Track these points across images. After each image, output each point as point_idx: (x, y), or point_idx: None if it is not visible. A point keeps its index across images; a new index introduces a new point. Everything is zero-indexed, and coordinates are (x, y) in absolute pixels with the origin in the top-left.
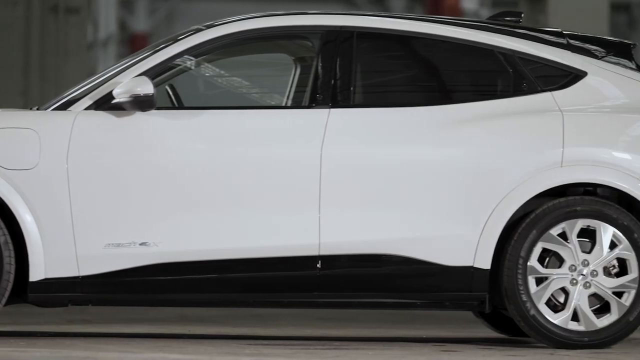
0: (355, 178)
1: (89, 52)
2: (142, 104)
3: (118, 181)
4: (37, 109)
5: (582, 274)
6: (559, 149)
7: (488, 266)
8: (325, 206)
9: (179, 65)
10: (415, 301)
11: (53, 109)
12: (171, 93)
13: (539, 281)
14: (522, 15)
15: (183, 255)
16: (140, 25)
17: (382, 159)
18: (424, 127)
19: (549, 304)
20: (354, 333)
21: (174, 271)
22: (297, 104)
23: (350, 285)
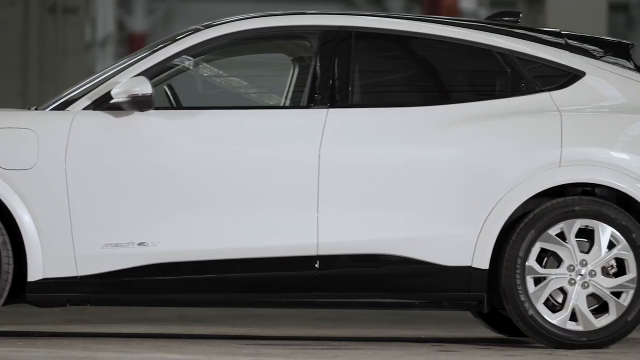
0: (354, 178)
1: (87, 52)
2: (140, 104)
3: (116, 181)
4: (36, 109)
5: (580, 274)
6: (557, 149)
7: (486, 266)
8: (324, 206)
9: (177, 65)
10: (413, 301)
11: (51, 109)
12: (169, 93)
13: (537, 281)
14: (521, 15)
15: (181, 255)
16: (139, 25)
17: (380, 159)
18: (423, 127)
19: (547, 304)
20: (352, 333)
21: (172, 271)
22: (295, 104)
23: (349, 285)
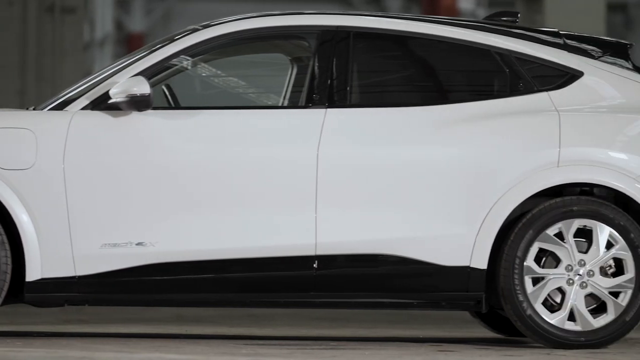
0: (352, 178)
1: (86, 52)
2: (138, 104)
3: (115, 181)
4: (34, 109)
5: (578, 274)
6: (555, 149)
7: (485, 266)
8: (322, 206)
9: (176, 65)
10: (411, 301)
11: (49, 109)
12: (167, 93)
13: (536, 281)
14: (519, 15)
15: (179, 256)
16: (137, 25)
17: (378, 159)
18: (421, 127)
19: (545, 304)
20: (350, 333)
21: (170, 271)
22: (293, 104)
23: (347, 285)
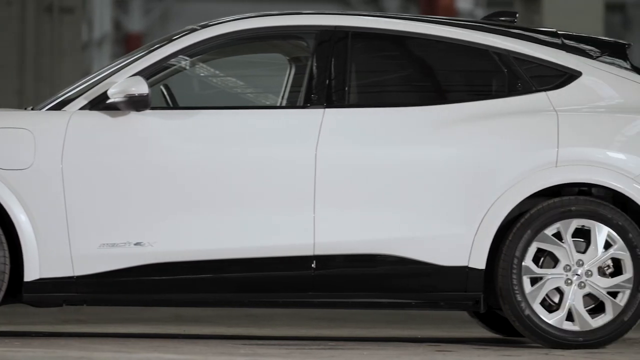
0: (350, 178)
1: (84, 51)
2: (136, 103)
3: (113, 181)
4: (32, 109)
5: (576, 274)
6: (553, 149)
7: (483, 266)
8: (320, 206)
9: (174, 65)
10: (410, 301)
11: (48, 109)
12: (166, 93)
13: (534, 281)
14: (517, 15)
15: (177, 255)
16: (135, 25)
17: (376, 159)
18: (419, 127)
19: (543, 304)
20: (348, 333)
21: (168, 271)
22: (291, 104)
23: (345, 285)
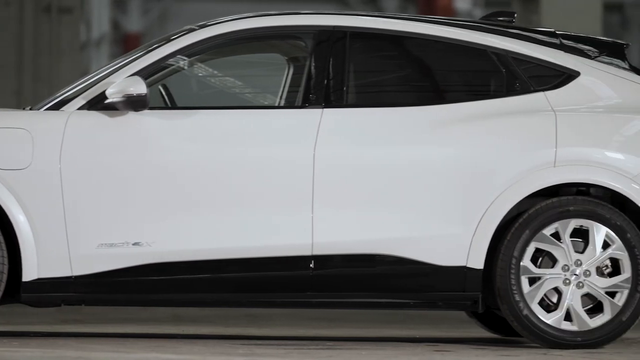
0: (349, 178)
1: (82, 52)
2: (135, 103)
3: (111, 181)
4: (30, 109)
5: (575, 274)
6: (551, 149)
7: (481, 266)
8: (319, 206)
9: (172, 65)
10: (408, 301)
11: (46, 109)
12: (164, 93)
13: (532, 281)
14: (515, 15)
15: (175, 255)
16: (133, 25)
17: (375, 159)
18: (417, 127)
19: (542, 304)
20: (347, 333)
21: (166, 271)
22: (290, 104)
23: (344, 285)
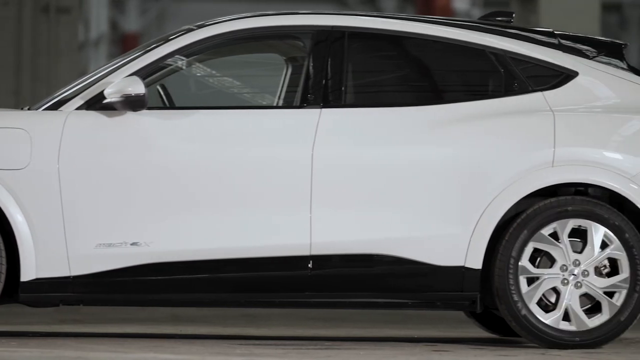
0: (347, 178)
1: (81, 52)
2: (133, 103)
3: (109, 181)
4: (29, 109)
5: (573, 274)
6: (550, 149)
7: (479, 266)
8: (317, 206)
9: (170, 65)
10: (406, 301)
11: (44, 109)
12: (162, 93)
13: (530, 281)
14: (514, 15)
15: (174, 255)
16: (132, 25)
17: (373, 159)
18: (415, 127)
19: (540, 304)
20: (345, 333)
21: (165, 271)
22: (288, 104)
23: (342, 285)
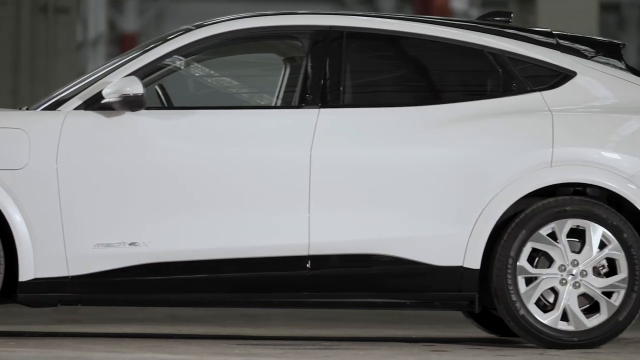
0: (345, 178)
1: (79, 51)
2: (131, 103)
3: (108, 181)
4: (27, 109)
5: (571, 274)
6: (548, 149)
7: (477, 266)
8: (315, 206)
9: (169, 65)
10: (404, 301)
11: (43, 109)
12: (161, 93)
13: (529, 281)
14: (512, 15)
15: (172, 255)
16: (130, 25)
17: (371, 159)
18: (414, 127)
19: (538, 304)
20: (343, 333)
21: (163, 271)
22: (286, 104)
23: (340, 285)
